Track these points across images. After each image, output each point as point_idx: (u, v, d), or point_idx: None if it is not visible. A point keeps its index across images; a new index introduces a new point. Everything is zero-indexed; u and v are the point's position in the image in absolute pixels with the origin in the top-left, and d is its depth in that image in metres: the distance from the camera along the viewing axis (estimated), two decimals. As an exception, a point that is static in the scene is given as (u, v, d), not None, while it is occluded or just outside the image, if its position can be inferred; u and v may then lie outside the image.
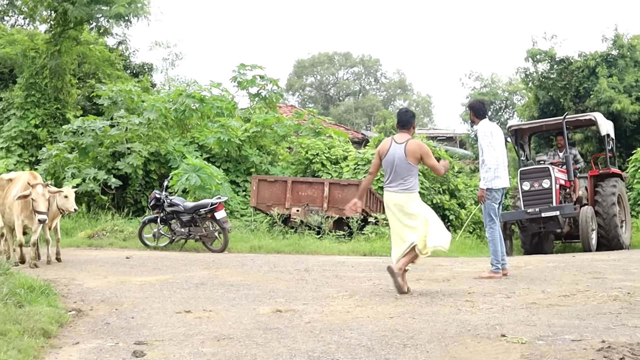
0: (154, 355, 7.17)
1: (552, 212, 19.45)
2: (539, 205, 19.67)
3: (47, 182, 15.48)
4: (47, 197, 14.26)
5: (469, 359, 6.70)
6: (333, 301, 9.97)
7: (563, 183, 20.19)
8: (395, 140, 10.93)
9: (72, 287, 11.61)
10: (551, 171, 19.81)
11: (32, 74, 31.84)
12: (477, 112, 12.70)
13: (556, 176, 19.83)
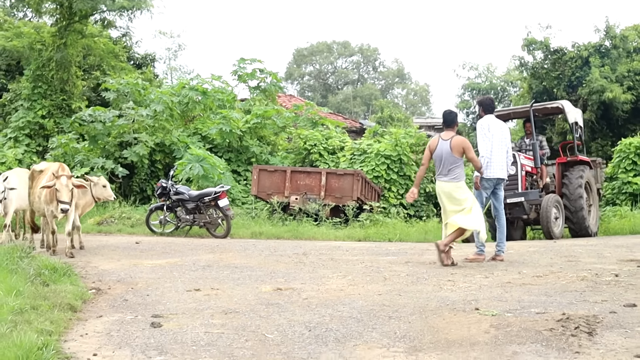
0: (170, 326, 8.17)
1: (517, 199, 19.54)
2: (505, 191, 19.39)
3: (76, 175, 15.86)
4: (71, 187, 14.35)
5: (445, 328, 7.71)
6: (328, 281, 10.98)
7: (529, 170, 20.26)
8: (442, 137, 12.63)
9: (89, 269, 12.59)
10: (517, 158, 19.64)
11: (38, 66, 32.67)
12: (487, 108, 13.86)
13: (522, 163, 19.85)
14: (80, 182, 15.14)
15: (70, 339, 7.68)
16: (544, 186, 20.54)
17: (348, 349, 7.08)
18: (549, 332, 7.29)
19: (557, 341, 7.02)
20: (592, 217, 21.11)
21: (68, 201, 14.18)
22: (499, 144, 13.55)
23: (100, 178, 16.65)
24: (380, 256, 14.04)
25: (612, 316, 7.87)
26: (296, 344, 7.34)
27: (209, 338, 7.62)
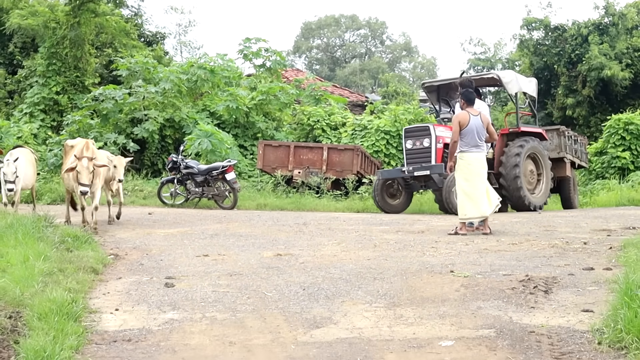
0: (182, 286, 9.32)
1: (423, 172, 19.37)
2: (419, 163, 19.55)
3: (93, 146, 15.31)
4: (91, 170, 14.23)
5: (421, 287, 8.84)
6: (323, 247, 12.12)
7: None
8: (471, 114, 13.74)
9: (107, 238, 13.73)
10: (431, 130, 19.70)
11: (53, 44, 33.74)
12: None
13: (437, 135, 19.59)
14: (102, 164, 14.91)
15: (94, 297, 8.83)
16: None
17: (336, 305, 8.21)
18: (511, 291, 8.42)
19: (516, 298, 8.14)
20: (540, 190, 20.61)
21: (88, 183, 14.14)
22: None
23: (117, 158, 16.78)
24: (374, 226, 15.16)
25: (570, 278, 9.00)
26: (291, 300, 8.46)
27: (215, 296, 8.76)
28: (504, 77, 20.82)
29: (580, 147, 24.04)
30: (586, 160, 24.69)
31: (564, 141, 22.21)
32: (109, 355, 6.71)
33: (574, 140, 23.46)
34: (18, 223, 12.34)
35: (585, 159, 24.55)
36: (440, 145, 19.72)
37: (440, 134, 19.73)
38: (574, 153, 23.01)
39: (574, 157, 22.95)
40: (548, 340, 6.68)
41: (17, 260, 9.75)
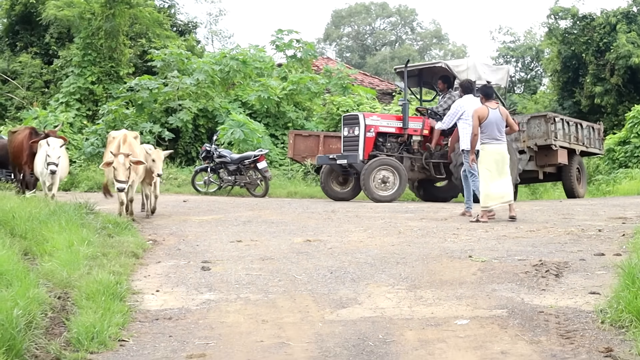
0: (217, 269, 9.99)
1: (342, 160, 19.90)
2: (351, 151, 19.95)
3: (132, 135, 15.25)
4: (128, 166, 13.97)
5: (441, 271, 9.46)
6: (351, 234, 12.77)
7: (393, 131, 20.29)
8: (490, 107, 14.37)
9: (144, 224, 14.42)
10: (360, 119, 20.03)
11: (88, 35, 34.42)
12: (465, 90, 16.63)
13: (368, 124, 19.89)
14: (138, 160, 14.42)
15: (136, 279, 9.52)
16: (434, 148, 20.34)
17: (361, 287, 8.85)
18: (524, 275, 9.02)
19: (529, 281, 8.74)
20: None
21: (125, 180, 13.93)
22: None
23: (155, 151, 16.03)
24: (400, 213, 15.78)
25: (581, 262, 9.58)
26: (319, 283, 9.12)
27: (249, 278, 9.43)
28: (456, 66, 20.66)
29: (591, 134, 23.41)
30: (599, 147, 24.10)
31: (552, 128, 21.44)
32: (151, 332, 7.37)
33: (577, 126, 22.88)
34: (60, 210, 13.03)
35: (599, 145, 23.96)
36: (370, 134, 20.01)
37: (370, 123, 20.13)
38: (572, 140, 22.36)
39: (573, 144, 22.27)
40: (555, 319, 7.26)
41: (62, 245, 10.44)
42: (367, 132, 19.97)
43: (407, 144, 20.47)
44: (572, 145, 22.18)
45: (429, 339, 6.88)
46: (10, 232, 11.28)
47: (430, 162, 20.25)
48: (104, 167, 14.71)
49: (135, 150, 14.60)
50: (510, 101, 41.48)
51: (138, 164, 14.46)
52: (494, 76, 20.74)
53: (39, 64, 38.94)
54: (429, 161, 20.24)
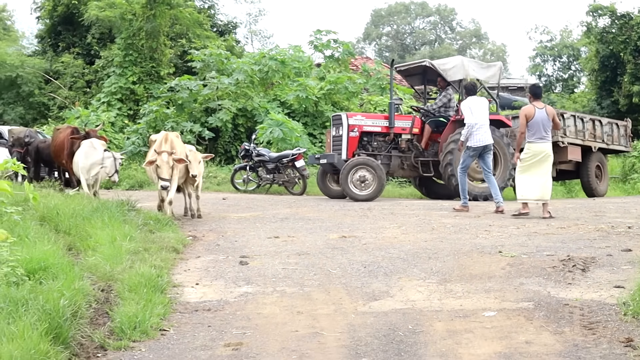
0: (255, 264, 10.35)
1: (323, 160, 20.35)
2: (337, 150, 20.30)
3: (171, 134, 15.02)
4: (171, 164, 14.09)
5: (471, 265, 9.74)
6: (385, 230, 13.08)
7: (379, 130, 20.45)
8: (537, 107, 14.86)
9: (184, 221, 14.81)
10: (343, 119, 20.31)
11: (129, 35, 35.01)
12: (469, 91, 16.88)
13: (351, 124, 20.11)
14: (180, 158, 14.38)
15: (177, 273, 9.90)
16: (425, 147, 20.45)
17: (393, 280, 9.16)
18: (552, 269, 9.28)
19: (556, 275, 9.00)
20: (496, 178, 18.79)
21: (168, 178, 14.06)
22: (482, 118, 16.24)
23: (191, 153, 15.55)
24: (434, 211, 16.05)
25: (607, 258, 9.83)
26: (353, 277, 9.43)
27: (285, 272, 9.78)
28: (442, 64, 20.84)
29: (614, 131, 23.02)
30: (625, 144, 23.61)
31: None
32: (191, 322, 7.72)
33: (594, 123, 22.51)
34: (103, 207, 13.42)
35: (624, 142, 23.50)
36: (354, 133, 20.25)
37: (354, 123, 20.36)
38: (588, 137, 22.04)
39: (588, 141, 21.98)
40: (580, 311, 7.53)
41: (105, 240, 10.85)
42: (351, 132, 20.25)
43: (396, 143, 20.62)
44: (587, 143, 21.99)
45: (457, 330, 7.16)
46: (55, 228, 11.71)
47: (419, 160, 20.35)
48: (146, 166, 14.73)
49: (177, 149, 14.57)
50: (549, 100, 41.46)
51: (180, 162, 14.45)
52: (484, 73, 20.91)
53: (81, 64, 39.60)
54: (418, 159, 20.35)
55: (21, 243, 8.76)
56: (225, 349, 6.84)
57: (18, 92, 39.48)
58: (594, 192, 21.87)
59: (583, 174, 22.13)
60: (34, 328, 6.22)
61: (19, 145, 21.03)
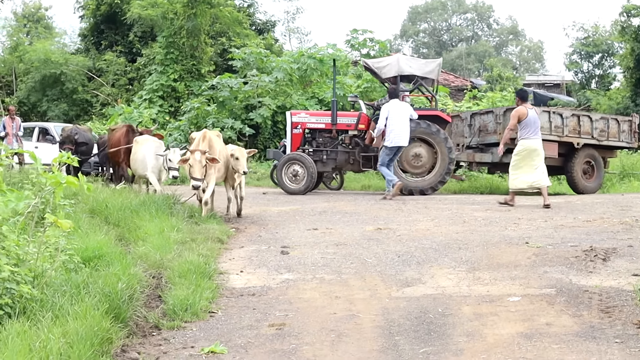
0: (295, 253, 11.03)
1: (270, 155, 22.00)
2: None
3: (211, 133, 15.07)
4: (204, 163, 13.92)
5: (498, 255, 10.35)
6: (418, 223, 13.70)
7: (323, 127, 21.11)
8: (528, 108, 16.50)
9: (228, 214, 15.47)
10: (287, 117, 21.51)
11: (171, 34, 35.84)
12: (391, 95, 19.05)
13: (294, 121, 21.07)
14: (212, 157, 14.11)
15: (222, 262, 10.60)
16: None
17: (425, 269, 9.79)
18: (575, 259, 9.86)
19: (578, 264, 9.58)
20: (432, 174, 20.20)
21: (200, 177, 13.84)
22: (398, 120, 18.32)
23: (235, 149, 15.44)
24: (466, 205, 16.61)
25: (628, 249, 10.38)
26: (387, 265, 10.08)
27: (324, 261, 10.45)
28: (377, 62, 21.81)
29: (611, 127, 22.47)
30: (629, 141, 22.96)
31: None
32: (237, 305, 8.40)
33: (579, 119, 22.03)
34: (150, 201, 14.16)
35: (628, 138, 22.89)
36: (297, 130, 21.20)
37: (297, 120, 21.32)
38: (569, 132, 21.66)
39: (569, 137, 21.59)
40: (598, 297, 8.11)
41: (153, 231, 11.61)
42: (294, 129, 21.20)
43: (343, 139, 21.15)
44: (567, 139, 21.59)
45: (483, 313, 7.78)
46: (105, 220, 12.44)
47: (362, 155, 20.73)
48: (180, 164, 14.83)
49: (214, 147, 14.53)
50: (584, 97, 41.68)
51: (213, 161, 14.18)
52: (421, 70, 21.09)
53: (123, 62, 40.49)
54: (361, 154, 20.72)
55: (75, 233, 9.42)
56: (270, 329, 7.50)
57: (62, 89, 40.37)
58: (580, 189, 21.70)
59: (567, 170, 21.98)
60: (96, 308, 6.89)
61: (70, 142, 21.44)
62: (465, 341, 6.93)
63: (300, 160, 20.40)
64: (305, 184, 20.28)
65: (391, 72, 20.91)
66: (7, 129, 24.25)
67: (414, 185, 20.02)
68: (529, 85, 49.50)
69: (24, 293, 6.90)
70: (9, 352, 5.68)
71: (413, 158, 20.15)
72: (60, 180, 8.29)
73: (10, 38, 50.41)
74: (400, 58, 21.58)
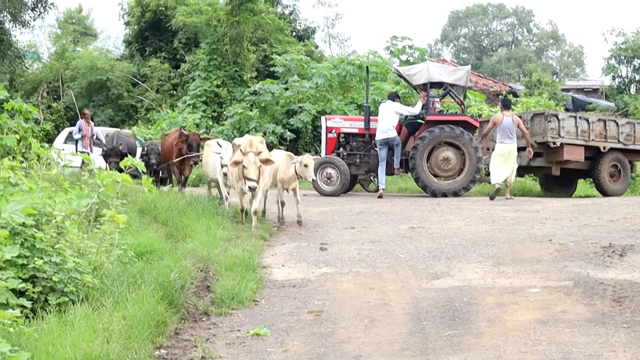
0: (333, 250, 11.84)
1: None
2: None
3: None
4: (258, 165, 13.36)
5: (522, 251, 11.07)
6: (450, 222, 14.46)
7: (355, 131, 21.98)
8: (505, 115, 18.95)
9: (269, 214, 16.20)
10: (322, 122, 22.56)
11: (214, 41, 36.75)
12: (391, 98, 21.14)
13: (329, 126, 22.03)
14: (267, 158, 13.73)
15: (265, 257, 11.43)
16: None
17: (453, 263, 10.54)
18: (593, 254, 10.56)
19: (596, 259, 10.28)
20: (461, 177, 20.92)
21: (255, 178, 13.24)
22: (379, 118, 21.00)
23: (304, 157, 15.03)
24: (497, 206, 17.28)
25: (646, 246, 11.09)
26: (419, 260, 10.85)
27: (360, 257, 11.26)
28: (407, 70, 22.45)
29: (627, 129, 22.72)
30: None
31: (551, 125, 21.70)
32: (279, 295, 9.20)
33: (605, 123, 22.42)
34: (196, 201, 15.08)
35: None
36: (332, 135, 22.16)
37: (331, 125, 22.29)
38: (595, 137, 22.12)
39: (594, 141, 22.09)
40: (612, 289, 8.80)
41: (200, 229, 12.50)
42: (329, 133, 22.16)
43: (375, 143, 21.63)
44: (593, 143, 22.11)
45: (505, 302, 8.50)
46: (154, 219, 13.33)
47: (393, 158, 21.35)
48: (232, 166, 13.98)
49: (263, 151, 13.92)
50: (623, 102, 42.00)
51: (267, 162, 13.81)
52: (451, 77, 21.76)
53: (167, 68, 41.46)
54: (393, 158, 21.31)
55: (127, 230, 10.25)
56: (309, 315, 8.28)
57: (107, 94, 41.42)
58: (607, 192, 22.15)
59: (594, 173, 22.47)
60: (152, 295, 7.71)
61: (115, 154, 21.77)
62: (486, 326, 7.65)
63: (333, 163, 21.25)
64: (339, 186, 21.18)
65: (421, 80, 21.51)
66: (84, 131, 24.70)
67: (446, 187, 20.76)
68: (568, 90, 49.76)
69: (87, 282, 7.74)
70: (75, 333, 6.47)
71: (442, 162, 20.87)
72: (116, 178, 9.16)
73: (55, 44, 51.63)
74: (430, 65, 22.06)
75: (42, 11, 35.55)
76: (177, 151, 19.48)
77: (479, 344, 7.08)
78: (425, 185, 20.83)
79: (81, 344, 6.26)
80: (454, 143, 20.80)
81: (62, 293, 7.46)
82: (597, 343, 6.96)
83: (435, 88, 22.23)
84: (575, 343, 6.98)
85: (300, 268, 10.70)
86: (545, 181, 23.97)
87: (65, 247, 7.80)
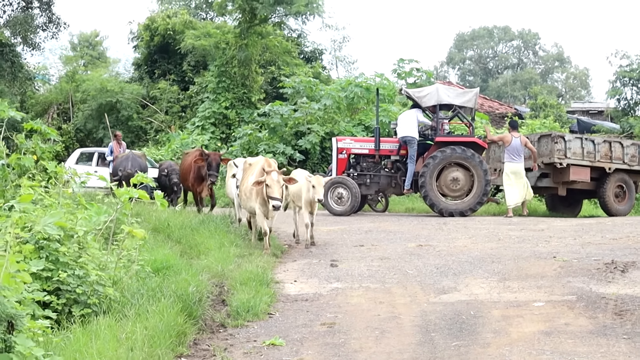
0: (343, 266, 12.21)
1: None
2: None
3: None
4: (282, 184, 13.33)
5: (527, 268, 11.42)
6: (457, 241, 14.80)
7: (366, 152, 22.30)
8: (514, 136, 19.76)
9: (279, 232, 16.56)
10: (333, 143, 22.73)
11: (223, 63, 37.20)
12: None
13: (340, 147, 22.26)
14: (290, 178, 13.96)
15: (277, 273, 11.81)
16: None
17: (460, 279, 10.90)
18: (596, 270, 10.90)
19: (599, 275, 10.63)
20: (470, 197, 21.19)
21: (279, 197, 13.13)
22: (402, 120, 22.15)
23: (315, 177, 14.67)
24: (503, 225, 17.61)
25: (647, 263, 11.43)
26: (427, 276, 11.21)
27: (369, 272, 11.63)
28: (416, 92, 22.64)
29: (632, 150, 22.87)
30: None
31: (557, 146, 21.71)
32: (292, 309, 9.56)
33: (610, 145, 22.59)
34: (209, 220, 15.46)
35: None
36: (342, 155, 22.43)
37: (342, 146, 22.57)
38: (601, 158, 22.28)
39: (600, 162, 22.23)
40: (614, 302, 9.14)
41: (214, 246, 12.91)
42: (339, 154, 22.37)
43: (385, 164, 22.35)
44: (598, 164, 22.25)
45: (510, 315, 8.85)
46: (167, 237, 13.72)
47: (403, 179, 21.77)
48: (255, 186, 13.56)
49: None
50: (628, 124, 42.28)
51: (290, 182, 13.93)
52: (459, 99, 22.10)
53: (176, 90, 41.82)
54: (402, 178, 21.78)
55: (144, 247, 10.59)
56: (321, 327, 8.64)
57: (117, 116, 41.66)
58: (612, 212, 22.33)
59: (599, 193, 22.66)
60: (171, 308, 8.08)
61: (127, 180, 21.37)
62: (492, 337, 8.00)
63: (344, 183, 21.43)
64: (350, 206, 21.34)
65: (431, 102, 21.81)
66: (115, 153, 24.90)
67: (453, 207, 21.05)
68: (573, 113, 50.12)
69: (109, 294, 8.11)
70: (100, 342, 6.83)
71: (451, 182, 21.16)
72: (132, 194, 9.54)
73: (66, 66, 52.11)
74: (439, 88, 22.36)
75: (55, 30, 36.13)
76: (197, 170, 19.71)
77: (485, 354, 7.42)
78: (433, 203, 21.07)
79: (107, 352, 6.61)
80: (464, 164, 21.10)
81: (86, 305, 7.84)
82: (599, 353, 7.30)
83: (444, 110, 22.48)
84: (578, 353, 7.31)
85: (312, 283, 11.07)
86: (551, 201, 24.19)
87: (87, 260, 8.16)
